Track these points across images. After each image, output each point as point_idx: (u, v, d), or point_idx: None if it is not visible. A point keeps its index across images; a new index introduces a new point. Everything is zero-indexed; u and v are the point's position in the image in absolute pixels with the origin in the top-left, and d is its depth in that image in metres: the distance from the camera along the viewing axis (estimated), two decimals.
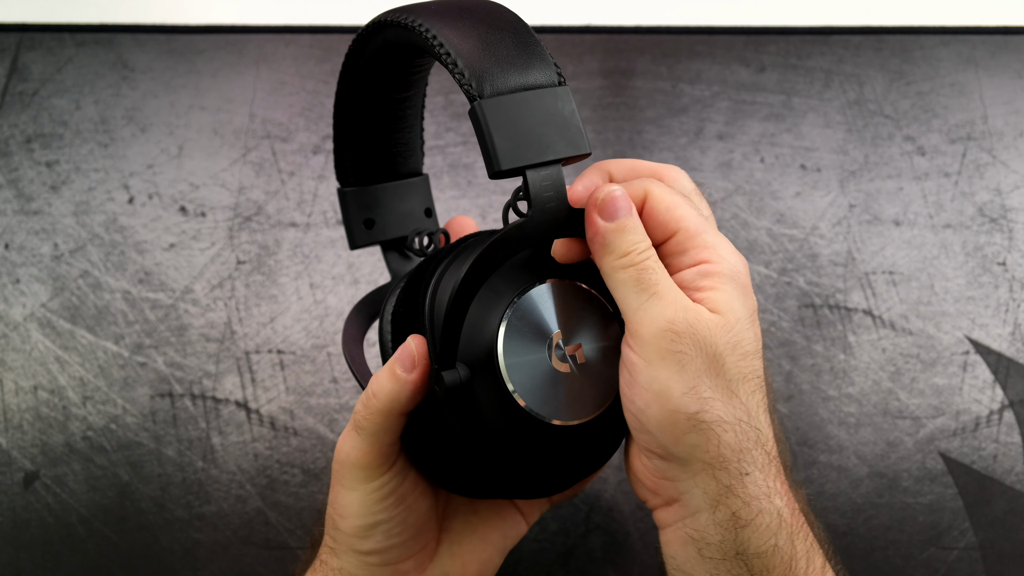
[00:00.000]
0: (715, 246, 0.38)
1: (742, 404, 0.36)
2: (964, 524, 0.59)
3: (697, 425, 0.35)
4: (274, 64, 0.68)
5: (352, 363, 0.44)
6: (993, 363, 0.62)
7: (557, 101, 0.37)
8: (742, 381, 0.36)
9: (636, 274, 0.36)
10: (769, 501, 0.36)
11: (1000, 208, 0.66)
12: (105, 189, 0.65)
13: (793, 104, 0.68)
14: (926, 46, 0.70)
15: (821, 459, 0.60)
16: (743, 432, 0.36)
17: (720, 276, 0.37)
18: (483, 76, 0.36)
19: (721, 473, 0.36)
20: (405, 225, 0.50)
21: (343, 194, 0.49)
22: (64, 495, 0.58)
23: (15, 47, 0.68)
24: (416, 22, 0.38)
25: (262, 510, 0.58)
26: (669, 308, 0.36)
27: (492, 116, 0.35)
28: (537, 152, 0.36)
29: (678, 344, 0.35)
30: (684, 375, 0.35)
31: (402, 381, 0.38)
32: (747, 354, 0.36)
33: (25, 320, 0.62)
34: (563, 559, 0.58)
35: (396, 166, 0.49)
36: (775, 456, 0.37)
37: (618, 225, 0.36)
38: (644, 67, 0.69)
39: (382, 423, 0.39)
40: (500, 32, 0.37)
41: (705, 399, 0.35)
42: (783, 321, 0.63)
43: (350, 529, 0.42)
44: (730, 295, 0.37)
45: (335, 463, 0.42)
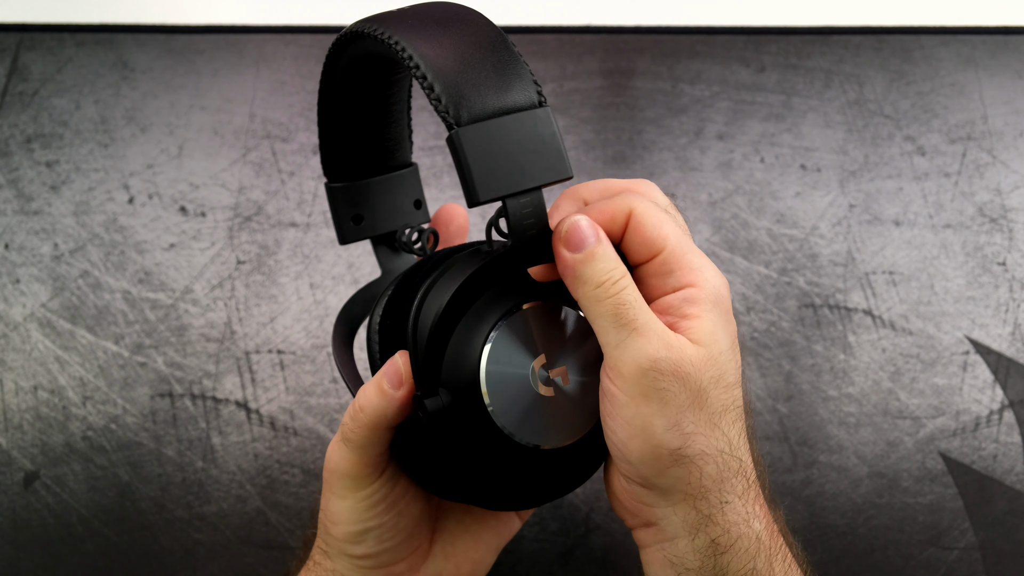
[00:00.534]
0: (700, 268, 0.37)
1: (724, 435, 0.36)
2: (964, 524, 0.59)
3: (680, 460, 0.35)
4: (274, 64, 0.68)
5: (341, 367, 0.44)
6: (993, 363, 0.62)
7: (536, 124, 0.35)
8: (723, 413, 0.36)
9: (614, 308, 0.35)
10: (748, 526, 0.36)
11: (1000, 208, 0.66)
12: (105, 189, 0.65)
13: (793, 104, 0.68)
14: (926, 46, 0.70)
15: (821, 459, 0.60)
16: (724, 463, 0.36)
17: (704, 303, 0.36)
18: (460, 101, 0.35)
19: (701, 503, 0.36)
20: (394, 219, 0.49)
21: (331, 190, 0.48)
22: (64, 495, 0.58)
23: (15, 47, 0.68)
24: (391, 38, 0.36)
25: (262, 510, 0.58)
26: (651, 345, 0.35)
27: (469, 146, 0.34)
28: (516, 181, 0.35)
29: (661, 382, 0.35)
30: (667, 412, 0.35)
31: (389, 397, 0.38)
32: (728, 385, 0.36)
33: (25, 320, 0.62)
34: (563, 559, 0.58)
35: (384, 160, 0.48)
36: (754, 481, 0.37)
37: (585, 255, 0.36)
38: (644, 67, 0.69)
39: (369, 436, 0.39)
40: (478, 49, 0.36)
41: (687, 434, 0.35)
42: (783, 321, 0.63)
43: (342, 535, 0.42)
44: (714, 324, 0.36)
45: (325, 471, 0.42)
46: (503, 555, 0.58)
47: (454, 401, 0.37)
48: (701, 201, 0.66)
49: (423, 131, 0.67)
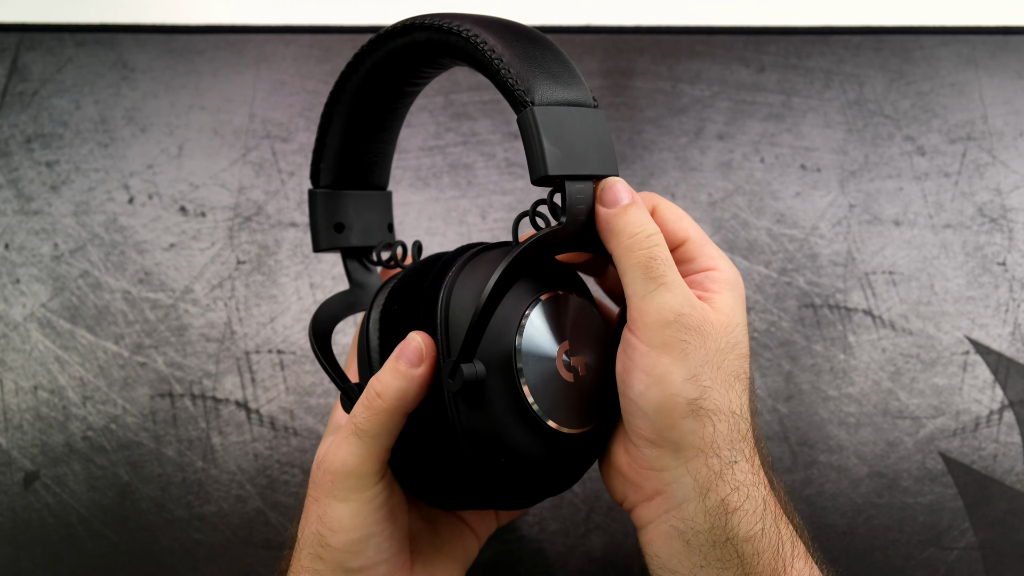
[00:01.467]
0: (719, 257, 0.40)
1: (737, 399, 0.38)
2: (964, 524, 0.59)
3: (696, 411, 0.36)
4: (274, 64, 0.68)
5: (328, 365, 0.44)
6: (993, 363, 0.62)
7: (595, 122, 0.38)
8: (737, 378, 0.38)
9: (646, 261, 0.37)
10: (756, 488, 0.37)
11: (1000, 208, 0.66)
12: (105, 189, 0.65)
13: (793, 104, 0.68)
14: (926, 46, 0.70)
15: (821, 459, 0.60)
16: (734, 424, 0.37)
17: (726, 283, 0.39)
18: (534, 82, 0.37)
19: (713, 459, 0.37)
20: (371, 235, 0.50)
21: (315, 195, 0.49)
22: (64, 495, 0.59)
23: (15, 47, 0.68)
24: (461, 27, 0.39)
25: (262, 510, 0.58)
26: (677, 300, 0.37)
27: (544, 123, 0.37)
28: (578, 165, 0.37)
29: (683, 334, 0.37)
30: (687, 363, 0.36)
31: (409, 377, 0.38)
32: (742, 356, 0.38)
33: (25, 320, 0.62)
34: (563, 559, 0.58)
35: (368, 176, 0.50)
36: (755, 449, 0.39)
37: (620, 209, 0.38)
38: (644, 67, 0.69)
39: (387, 424, 0.39)
40: (542, 49, 0.39)
41: (705, 387, 0.37)
42: (783, 321, 0.63)
43: (343, 544, 0.40)
44: (733, 301, 0.39)
45: (324, 474, 0.41)
46: (503, 555, 0.58)
47: (488, 373, 0.37)
48: (701, 201, 0.66)
49: (423, 131, 0.67)
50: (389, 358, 0.39)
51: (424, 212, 0.65)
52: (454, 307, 0.38)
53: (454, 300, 0.39)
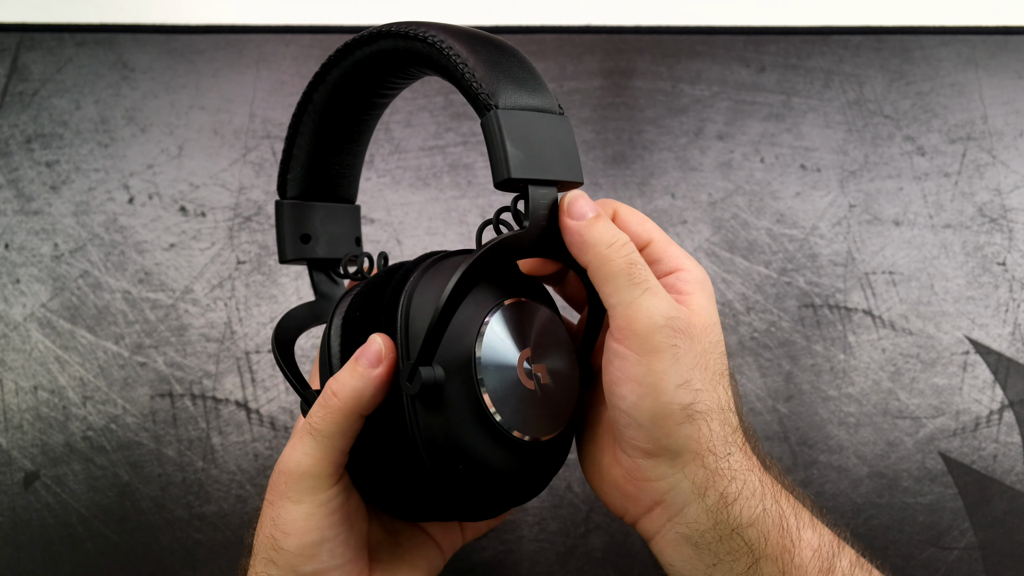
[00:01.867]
0: (685, 257, 0.41)
1: (724, 395, 0.38)
2: (964, 524, 0.59)
3: (691, 417, 0.37)
4: (274, 64, 0.68)
5: (288, 371, 0.44)
6: (993, 363, 0.62)
7: (560, 128, 0.38)
8: (721, 375, 0.38)
9: (627, 267, 0.37)
10: (751, 473, 0.38)
11: (1000, 208, 0.66)
12: (105, 189, 0.65)
13: (793, 104, 0.68)
14: (926, 46, 0.70)
15: (821, 459, 0.60)
16: (725, 419, 0.38)
17: (696, 283, 0.40)
18: (497, 88, 0.37)
19: (709, 458, 0.37)
20: (338, 248, 0.50)
21: (282, 206, 0.48)
22: (64, 495, 0.58)
23: (15, 47, 0.68)
24: (427, 33, 0.39)
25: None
26: (664, 303, 0.37)
27: (507, 126, 0.37)
28: (541, 169, 0.37)
29: (674, 338, 0.37)
30: (678, 368, 0.37)
31: (366, 377, 0.38)
32: (723, 353, 0.39)
33: (25, 320, 0.62)
34: (563, 559, 0.58)
35: (336, 188, 0.49)
36: (744, 439, 0.39)
37: (589, 221, 0.38)
38: (644, 67, 0.69)
39: (342, 424, 0.39)
40: (508, 56, 0.39)
41: (697, 391, 0.37)
42: (783, 321, 0.63)
43: (295, 547, 0.40)
44: (706, 300, 0.39)
45: (280, 476, 0.40)
46: (503, 555, 0.58)
47: (448, 378, 0.37)
48: (701, 201, 0.66)
49: (423, 131, 0.67)
50: (349, 360, 0.39)
51: (424, 212, 0.65)
52: (414, 311, 0.38)
53: (415, 304, 0.38)
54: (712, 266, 0.64)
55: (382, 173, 0.66)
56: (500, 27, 0.70)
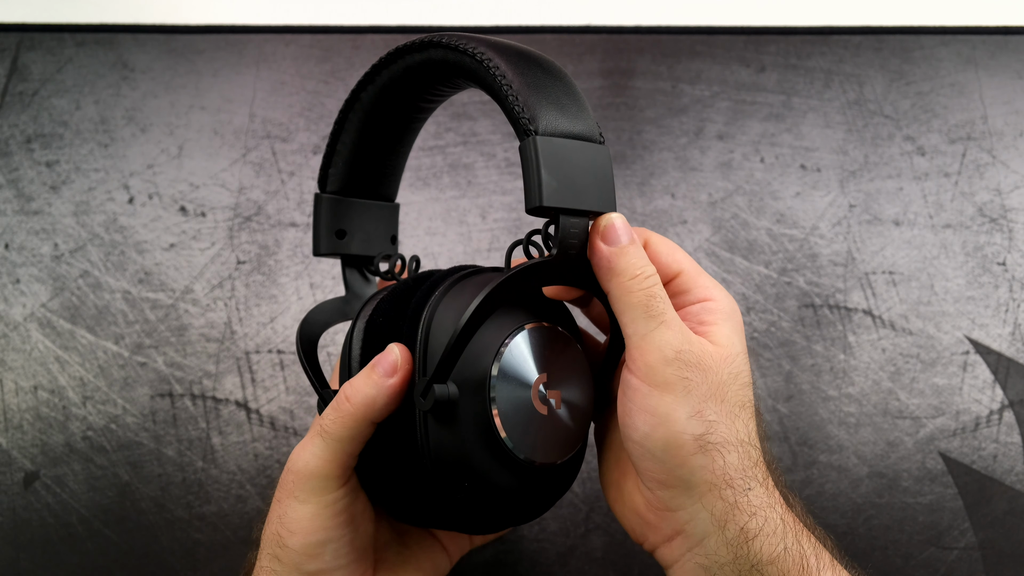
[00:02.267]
0: (715, 287, 0.41)
1: (744, 426, 0.38)
2: (964, 524, 0.59)
3: (704, 447, 0.37)
4: (274, 64, 0.68)
5: (310, 369, 0.44)
6: (993, 363, 0.62)
7: (598, 157, 0.38)
8: (742, 408, 0.38)
9: (646, 300, 0.37)
10: (772, 510, 0.37)
11: (1000, 208, 0.66)
12: (105, 189, 0.65)
13: (793, 104, 0.68)
14: (926, 46, 0.70)
15: (821, 459, 0.60)
16: (745, 452, 0.37)
17: (721, 313, 0.40)
18: (539, 111, 0.37)
19: (727, 491, 0.37)
20: (372, 245, 0.50)
21: (321, 199, 0.49)
22: (64, 495, 0.58)
23: (15, 47, 0.68)
24: (476, 49, 0.39)
25: (262, 510, 0.58)
26: (677, 337, 0.37)
27: (544, 153, 0.37)
28: (575, 199, 0.37)
29: (684, 371, 0.37)
30: (689, 400, 0.37)
31: (380, 386, 0.39)
32: (744, 384, 0.39)
33: (25, 320, 0.62)
34: (563, 559, 0.58)
35: (377, 186, 0.50)
36: (767, 473, 0.39)
37: (621, 248, 0.38)
38: (644, 67, 0.69)
39: (352, 428, 0.39)
40: (554, 79, 0.39)
41: (710, 422, 0.37)
42: (783, 321, 0.63)
43: (300, 546, 0.40)
44: (731, 331, 0.39)
45: (288, 475, 0.41)
46: (503, 555, 0.58)
47: (461, 396, 0.38)
48: (701, 201, 0.66)
49: (423, 131, 0.67)
50: (366, 366, 0.39)
51: (424, 212, 0.65)
52: (435, 327, 0.39)
53: (436, 320, 0.39)
54: (712, 266, 0.64)
55: None
56: (500, 27, 0.70)
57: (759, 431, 0.39)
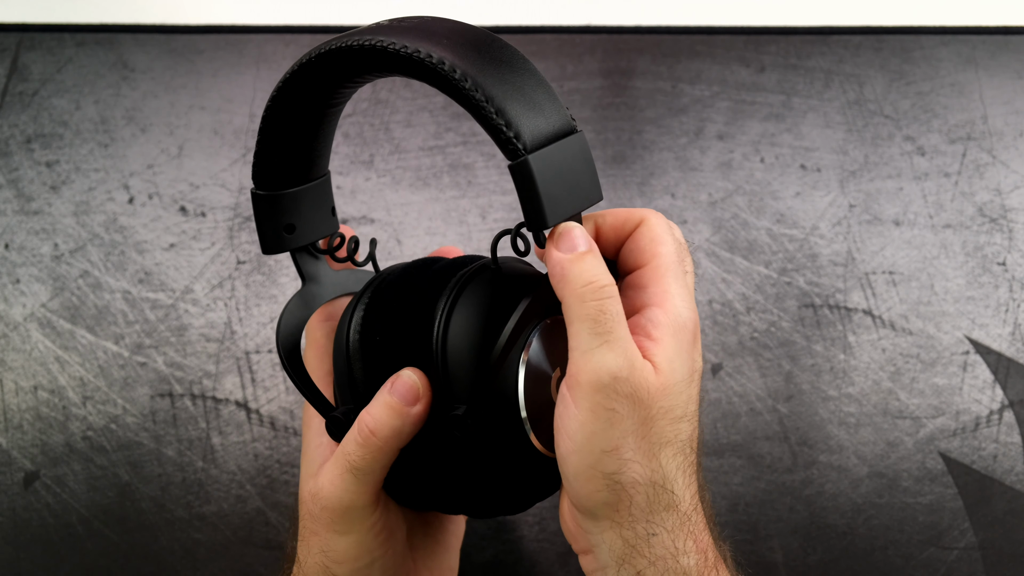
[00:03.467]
0: (673, 295, 0.37)
1: (660, 468, 0.35)
2: (964, 524, 0.59)
3: (611, 485, 0.35)
4: (274, 64, 0.68)
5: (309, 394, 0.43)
6: (993, 363, 0.62)
7: (580, 149, 0.37)
8: (665, 445, 0.36)
9: (595, 312, 0.35)
10: (675, 561, 0.36)
11: (1000, 208, 0.66)
12: (105, 189, 0.65)
13: (793, 104, 0.68)
14: (926, 46, 0.70)
15: (821, 459, 0.60)
16: (655, 495, 0.35)
17: (669, 327, 0.36)
18: (522, 127, 0.35)
19: (628, 533, 0.36)
20: (320, 228, 0.47)
21: (262, 198, 0.45)
22: (64, 495, 0.58)
23: (15, 47, 0.68)
24: (430, 59, 0.36)
25: (262, 510, 0.58)
26: (618, 360, 0.35)
27: (540, 173, 0.35)
28: (573, 204, 0.36)
29: (613, 402, 0.35)
30: (611, 433, 0.35)
31: (405, 415, 0.38)
32: (675, 419, 0.36)
33: (25, 320, 0.62)
34: (563, 559, 0.58)
35: (312, 169, 0.46)
36: (690, 515, 0.37)
37: (576, 255, 0.36)
38: (644, 67, 0.69)
39: (381, 460, 0.39)
40: (518, 72, 0.37)
41: (625, 460, 0.35)
42: (783, 321, 0.63)
43: (349, 572, 0.41)
44: (675, 352, 0.36)
45: (322, 511, 0.40)
46: (503, 555, 0.58)
47: (493, 415, 0.37)
48: (701, 201, 0.66)
49: (423, 131, 0.67)
50: (380, 392, 0.39)
51: (424, 212, 0.65)
52: (452, 352, 0.38)
53: (451, 344, 0.38)
54: (712, 266, 0.64)
55: (382, 173, 0.66)
56: (500, 27, 0.70)
57: (688, 469, 0.37)
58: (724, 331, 0.62)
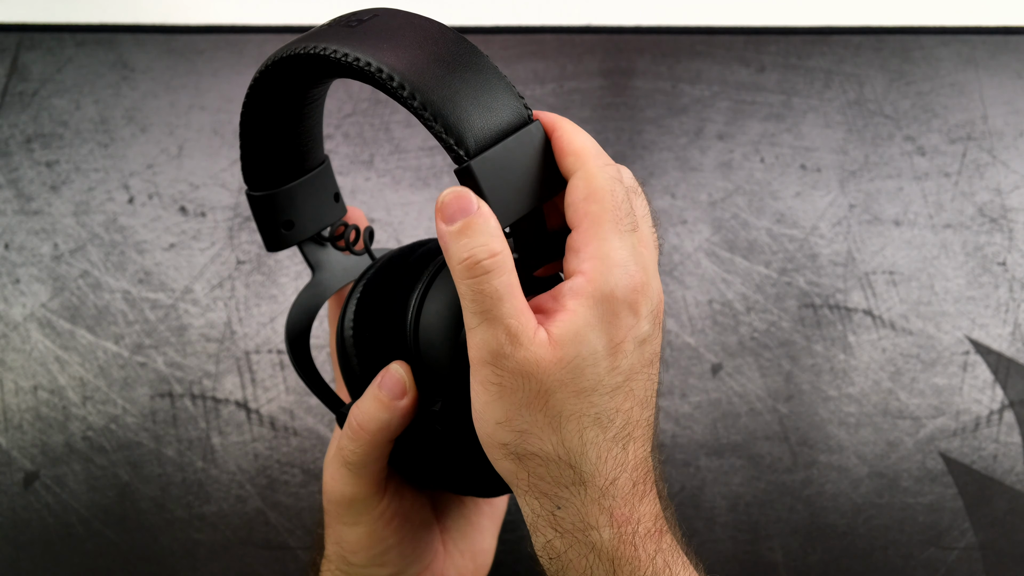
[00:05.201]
0: (603, 258, 0.34)
1: (562, 443, 0.34)
2: (964, 524, 0.59)
3: (510, 455, 0.35)
4: None
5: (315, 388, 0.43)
6: (993, 363, 0.62)
7: (532, 141, 0.35)
8: (569, 418, 0.34)
9: (473, 293, 0.33)
10: (584, 535, 0.35)
11: (1000, 208, 0.66)
12: (105, 189, 0.65)
13: (793, 104, 0.68)
14: (926, 46, 0.70)
15: (821, 459, 0.60)
16: (558, 470, 0.34)
17: (584, 298, 0.34)
18: (463, 130, 0.34)
19: (533, 503, 0.35)
20: (321, 219, 0.47)
21: (256, 199, 0.45)
22: (64, 495, 0.59)
23: (15, 47, 0.68)
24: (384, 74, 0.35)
25: (262, 510, 0.58)
26: (496, 339, 0.33)
27: (484, 178, 0.34)
28: (525, 203, 0.35)
29: (498, 377, 0.34)
30: (501, 405, 0.34)
31: (392, 409, 0.38)
32: (581, 391, 0.34)
33: (25, 320, 0.62)
34: None
35: (305, 161, 0.46)
36: (606, 490, 0.35)
37: (458, 227, 0.33)
38: (644, 67, 0.69)
39: (372, 453, 0.39)
40: (462, 67, 0.35)
41: (519, 431, 0.34)
42: (783, 321, 0.63)
43: (364, 561, 0.41)
44: (585, 323, 0.34)
45: (328, 503, 0.41)
46: (503, 555, 0.58)
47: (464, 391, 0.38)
48: (701, 201, 0.66)
49: (423, 131, 0.67)
50: (371, 386, 0.39)
51: (424, 212, 0.65)
52: (424, 345, 0.38)
53: (423, 338, 0.38)
54: (712, 266, 0.64)
55: (382, 173, 0.66)
56: (500, 27, 0.70)
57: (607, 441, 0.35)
58: (724, 331, 0.62)
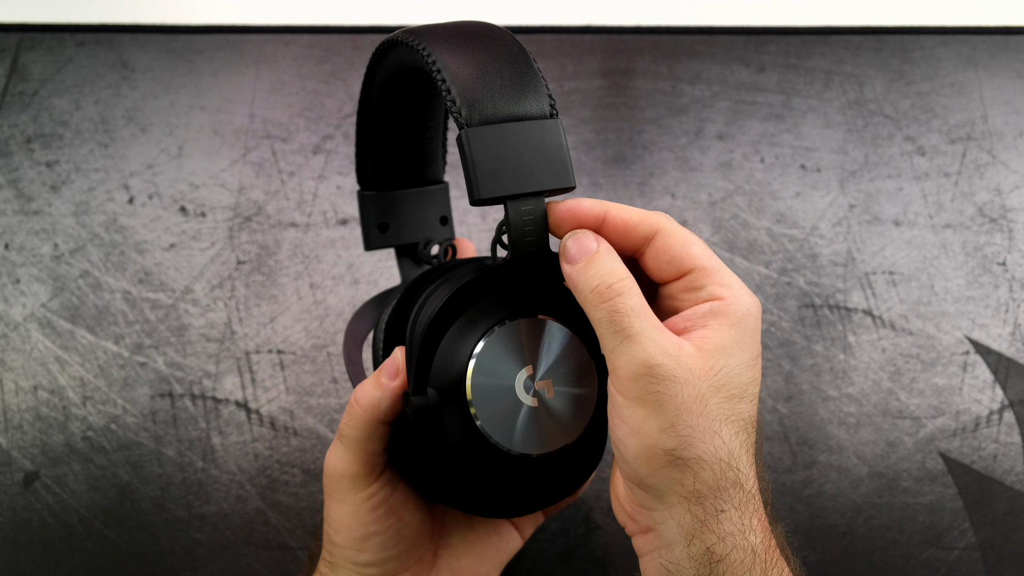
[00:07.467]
0: (731, 286, 0.38)
1: (724, 444, 0.36)
2: (964, 524, 0.59)
3: (674, 461, 0.36)
4: (274, 64, 0.68)
5: (349, 364, 0.45)
6: (993, 363, 0.62)
7: (544, 133, 0.36)
8: (725, 422, 0.36)
9: (608, 315, 0.36)
10: (743, 538, 0.36)
11: (1000, 208, 0.66)
12: (105, 189, 0.65)
13: (793, 104, 0.68)
14: (926, 46, 0.70)
15: (821, 459, 0.60)
16: (721, 472, 0.36)
17: (726, 317, 0.37)
18: (473, 104, 0.36)
19: (696, 508, 0.36)
20: (419, 232, 0.51)
21: (361, 197, 0.50)
22: (64, 495, 0.59)
23: (15, 47, 0.68)
24: (420, 44, 0.38)
25: (262, 510, 0.58)
26: (645, 351, 0.35)
27: (476, 145, 0.35)
28: (518, 184, 0.36)
29: (655, 385, 0.35)
30: (662, 413, 0.35)
31: (384, 388, 0.40)
32: (732, 397, 0.36)
33: (25, 320, 0.62)
34: (563, 559, 0.58)
35: (416, 174, 0.50)
36: (755, 494, 0.37)
37: (581, 265, 0.37)
38: (644, 67, 0.69)
39: (364, 430, 0.41)
40: (499, 62, 0.37)
41: (683, 436, 0.35)
42: (783, 321, 0.63)
43: (345, 541, 0.43)
44: (728, 338, 0.37)
45: (325, 478, 0.43)
46: None
47: (440, 400, 0.39)
48: (701, 201, 0.66)
49: None
50: (377, 369, 0.41)
51: None
52: (418, 333, 0.39)
53: (419, 326, 0.40)
54: None
55: None
56: None
57: (752, 448, 0.37)
58: None
